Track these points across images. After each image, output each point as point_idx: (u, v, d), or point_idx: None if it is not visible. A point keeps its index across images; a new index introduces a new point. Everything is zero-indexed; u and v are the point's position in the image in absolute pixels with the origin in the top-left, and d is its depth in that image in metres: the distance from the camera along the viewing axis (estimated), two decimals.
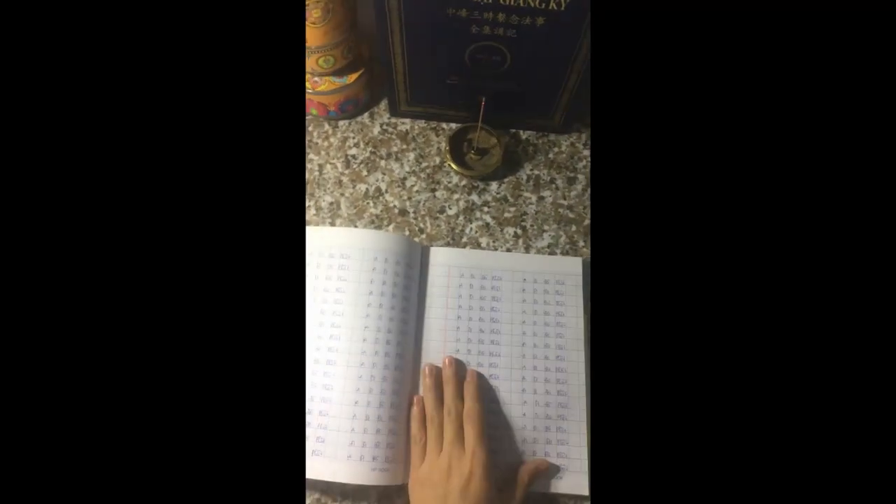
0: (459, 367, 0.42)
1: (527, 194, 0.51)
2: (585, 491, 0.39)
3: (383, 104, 0.54)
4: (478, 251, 0.48)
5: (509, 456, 0.40)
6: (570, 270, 0.46)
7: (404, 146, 0.53)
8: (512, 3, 0.39)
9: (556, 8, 0.39)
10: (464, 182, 0.52)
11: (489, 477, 0.35)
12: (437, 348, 0.43)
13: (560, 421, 0.41)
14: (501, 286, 0.46)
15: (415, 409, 0.40)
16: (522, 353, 0.43)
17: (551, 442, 0.41)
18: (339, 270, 0.43)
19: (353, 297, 0.42)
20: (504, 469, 0.39)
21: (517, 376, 0.43)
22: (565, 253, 0.49)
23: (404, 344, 0.42)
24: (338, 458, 0.38)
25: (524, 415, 0.41)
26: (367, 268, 0.43)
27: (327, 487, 0.40)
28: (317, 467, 0.37)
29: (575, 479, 0.40)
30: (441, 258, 0.47)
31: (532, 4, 0.39)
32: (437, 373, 0.41)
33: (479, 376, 0.42)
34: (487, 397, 0.42)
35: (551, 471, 0.40)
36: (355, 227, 0.49)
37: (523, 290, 0.46)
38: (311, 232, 0.46)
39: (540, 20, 0.40)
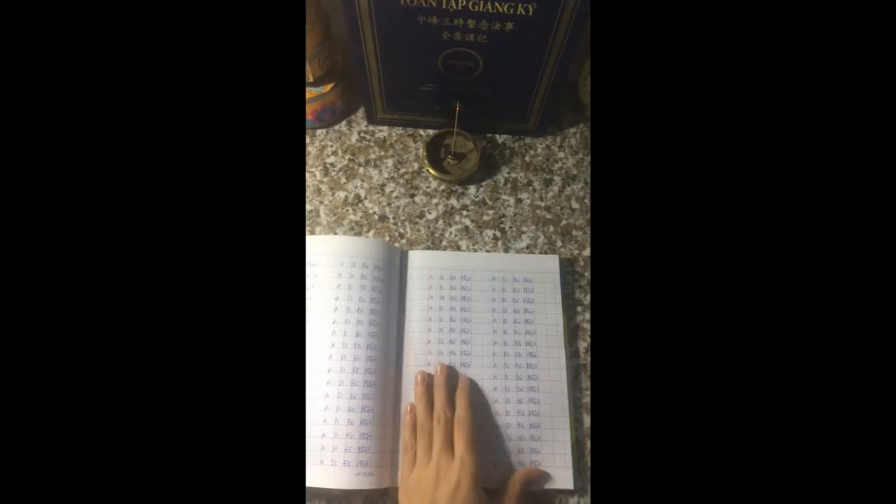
0: (451, 375, 0.42)
1: (505, 197, 0.52)
2: (570, 485, 0.40)
3: (360, 112, 0.55)
4: (456, 253, 0.49)
5: (493, 455, 0.40)
6: (547, 268, 0.47)
7: (382, 153, 0.54)
8: (482, 9, 0.40)
9: (524, 13, 0.40)
10: (442, 187, 0.52)
11: (477, 486, 0.35)
12: (418, 350, 0.44)
13: (542, 417, 0.42)
14: (480, 286, 0.46)
15: (406, 417, 0.40)
16: (504, 351, 0.44)
17: (536, 438, 0.41)
18: (309, 279, 0.43)
19: (321, 304, 0.42)
20: (495, 476, 0.39)
21: (500, 374, 0.43)
22: (543, 253, 0.49)
23: (385, 348, 0.42)
24: (323, 462, 0.38)
25: (507, 413, 0.42)
26: (333, 273, 0.43)
27: (311, 494, 0.40)
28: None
29: (559, 474, 0.40)
30: (419, 261, 0.47)
31: (501, 10, 0.40)
32: (428, 380, 0.41)
33: (472, 383, 0.42)
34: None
35: (540, 475, 0.40)
36: (335, 234, 0.49)
37: (503, 289, 0.46)
38: None
39: (509, 25, 0.41)
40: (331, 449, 0.38)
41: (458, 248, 0.49)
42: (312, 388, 0.40)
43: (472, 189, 0.52)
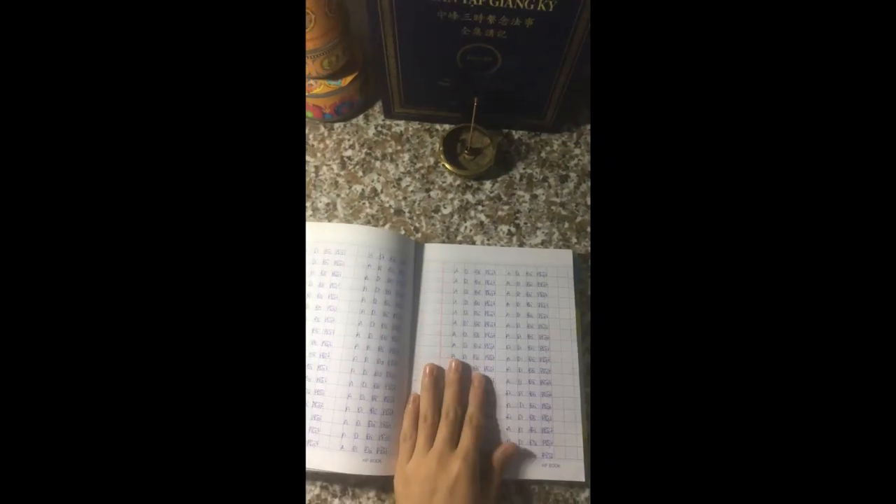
0: (465, 372, 0.42)
1: (520, 193, 0.52)
2: (581, 477, 0.40)
3: (377, 106, 0.55)
4: (470, 246, 0.49)
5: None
6: (561, 262, 0.47)
7: (399, 147, 0.54)
8: (501, 4, 0.40)
9: (544, 9, 0.40)
10: (458, 182, 0.53)
11: (476, 481, 0.36)
12: (431, 342, 0.44)
13: (555, 410, 0.42)
14: (494, 280, 0.47)
15: (409, 406, 0.41)
16: (517, 344, 0.44)
17: (548, 431, 0.41)
18: (335, 266, 0.44)
19: (347, 293, 0.43)
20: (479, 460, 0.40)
21: (512, 367, 0.43)
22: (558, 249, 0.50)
23: (399, 339, 0.43)
24: (331, 447, 0.38)
25: (520, 405, 0.42)
26: (362, 263, 0.44)
27: (327, 481, 0.41)
28: (309, 457, 0.38)
29: (571, 466, 0.40)
30: (434, 254, 0.48)
31: (521, 5, 0.40)
32: (437, 373, 0.42)
33: (487, 382, 0.42)
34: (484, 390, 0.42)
35: (546, 459, 0.40)
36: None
37: (517, 283, 0.47)
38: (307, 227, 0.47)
39: (529, 21, 0.41)
40: (338, 435, 0.39)
41: (473, 243, 0.50)
42: (341, 375, 0.40)
43: (487, 184, 0.53)
